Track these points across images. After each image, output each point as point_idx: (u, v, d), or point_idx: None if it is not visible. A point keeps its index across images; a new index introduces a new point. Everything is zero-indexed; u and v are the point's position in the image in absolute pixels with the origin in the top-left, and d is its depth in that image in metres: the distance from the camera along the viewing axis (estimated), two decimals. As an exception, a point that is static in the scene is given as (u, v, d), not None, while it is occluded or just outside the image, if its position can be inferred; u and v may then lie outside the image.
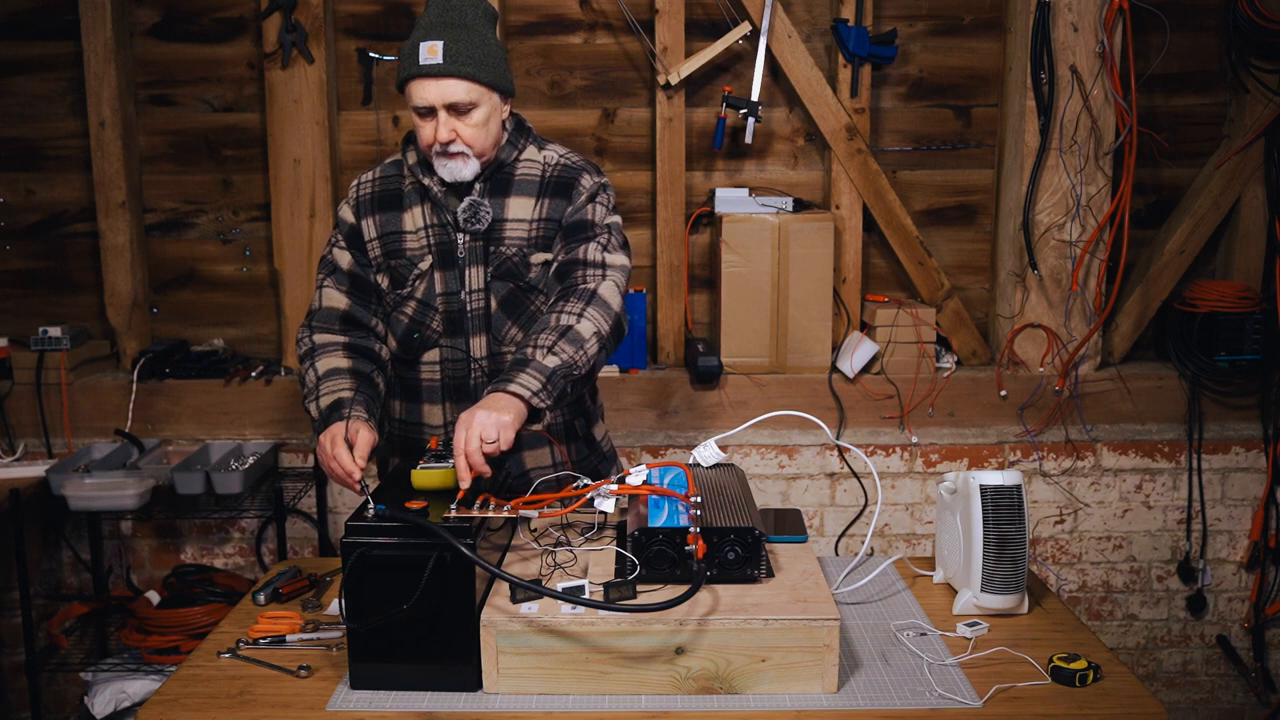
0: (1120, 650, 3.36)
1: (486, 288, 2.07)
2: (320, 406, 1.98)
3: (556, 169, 2.11)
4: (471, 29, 1.98)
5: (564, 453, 2.19)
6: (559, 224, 2.08)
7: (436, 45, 1.94)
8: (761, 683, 1.60)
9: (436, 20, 1.98)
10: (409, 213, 2.10)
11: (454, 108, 1.97)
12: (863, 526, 3.23)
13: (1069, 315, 3.17)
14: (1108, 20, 3.02)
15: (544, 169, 2.11)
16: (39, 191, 3.32)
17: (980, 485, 1.82)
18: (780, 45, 3.14)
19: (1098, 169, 3.11)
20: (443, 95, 1.96)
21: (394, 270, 2.10)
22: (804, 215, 3.13)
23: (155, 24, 3.23)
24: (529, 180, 2.09)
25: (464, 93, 1.96)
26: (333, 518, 3.24)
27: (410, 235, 2.09)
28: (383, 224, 2.11)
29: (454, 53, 1.95)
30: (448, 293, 2.08)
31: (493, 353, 2.09)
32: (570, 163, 2.12)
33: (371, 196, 2.14)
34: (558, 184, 2.09)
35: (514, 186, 2.09)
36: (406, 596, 1.55)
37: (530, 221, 2.08)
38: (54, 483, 2.89)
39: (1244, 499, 3.29)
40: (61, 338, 3.15)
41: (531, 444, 2.16)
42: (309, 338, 2.11)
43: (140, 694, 2.88)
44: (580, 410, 2.23)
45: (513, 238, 2.07)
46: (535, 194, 2.08)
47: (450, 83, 1.96)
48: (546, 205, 2.08)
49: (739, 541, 1.69)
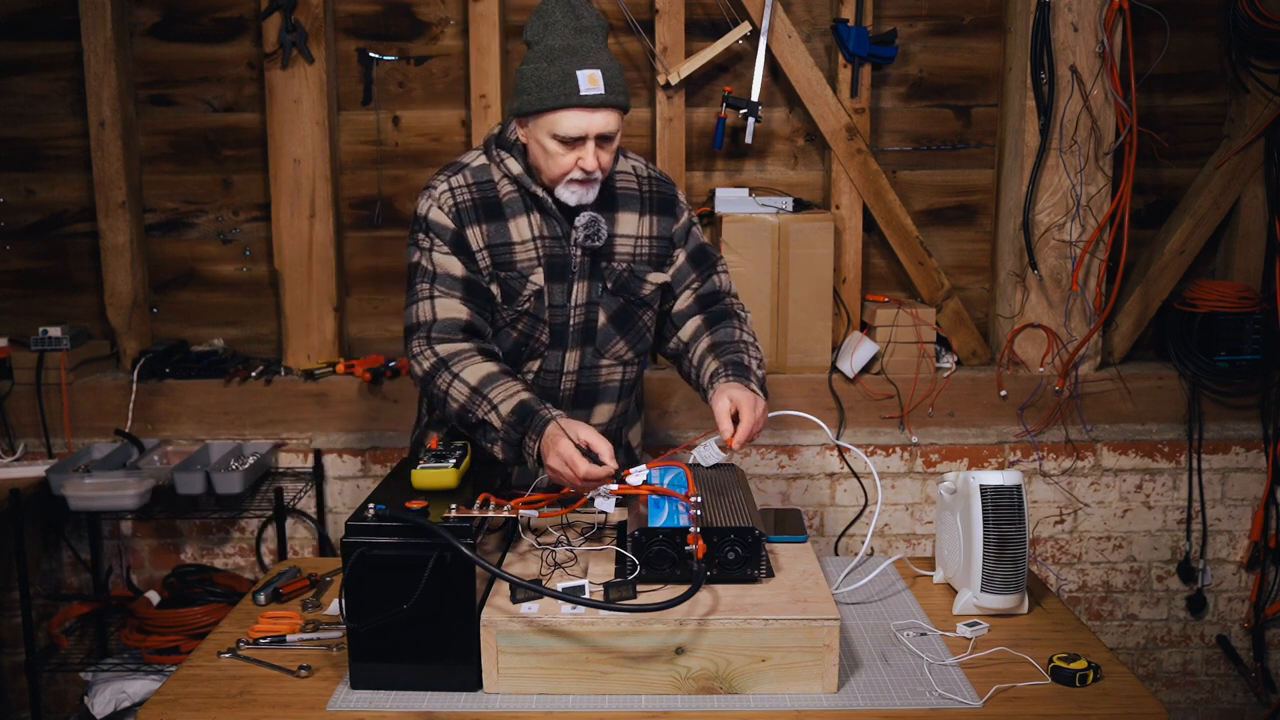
0: (1120, 650, 3.36)
1: (594, 301, 2.06)
2: (502, 415, 1.85)
3: (649, 183, 2.12)
4: (608, 51, 1.94)
5: None
6: (669, 241, 2.12)
7: (597, 75, 1.88)
8: (761, 683, 1.60)
9: (575, 40, 1.90)
10: (513, 222, 2.01)
11: (603, 136, 1.92)
12: (863, 526, 3.22)
13: (1069, 315, 3.17)
14: (1108, 20, 3.02)
15: (639, 182, 2.11)
16: (39, 191, 3.32)
17: (980, 485, 1.82)
18: (780, 45, 3.14)
19: (1098, 169, 3.11)
20: (600, 126, 1.90)
21: (505, 283, 2.01)
22: (804, 215, 3.13)
23: (155, 24, 3.23)
24: (629, 194, 2.09)
25: (617, 123, 1.93)
26: (333, 518, 3.24)
27: (519, 246, 2.01)
28: (490, 234, 2.01)
29: (613, 84, 1.90)
30: (554, 305, 2.04)
31: (586, 365, 2.09)
32: (658, 176, 2.15)
33: (473, 204, 2.02)
34: (658, 200, 2.12)
35: (618, 201, 2.08)
36: (406, 596, 1.55)
37: (637, 238, 2.08)
38: (54, 483, 2.89)
39: (1244, 499, 3.29)
40: (61, 338, 3.15)
41: None
42: (429, 350, 1.96)
43: (140, 694, 2.88)
44: (627, 420, 2.25)
45: (622, 253, 2.07)
46: (638, 210, 2.09)
47: (608, 114, 1.91)
48: (654, 223, 2.10)
49: (739, 541, 1.69)
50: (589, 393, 2.13)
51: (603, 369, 2.12)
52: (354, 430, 3.20)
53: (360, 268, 3.35)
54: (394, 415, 3.18)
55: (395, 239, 3.33)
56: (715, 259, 2.19)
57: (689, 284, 2.15)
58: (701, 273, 2.16)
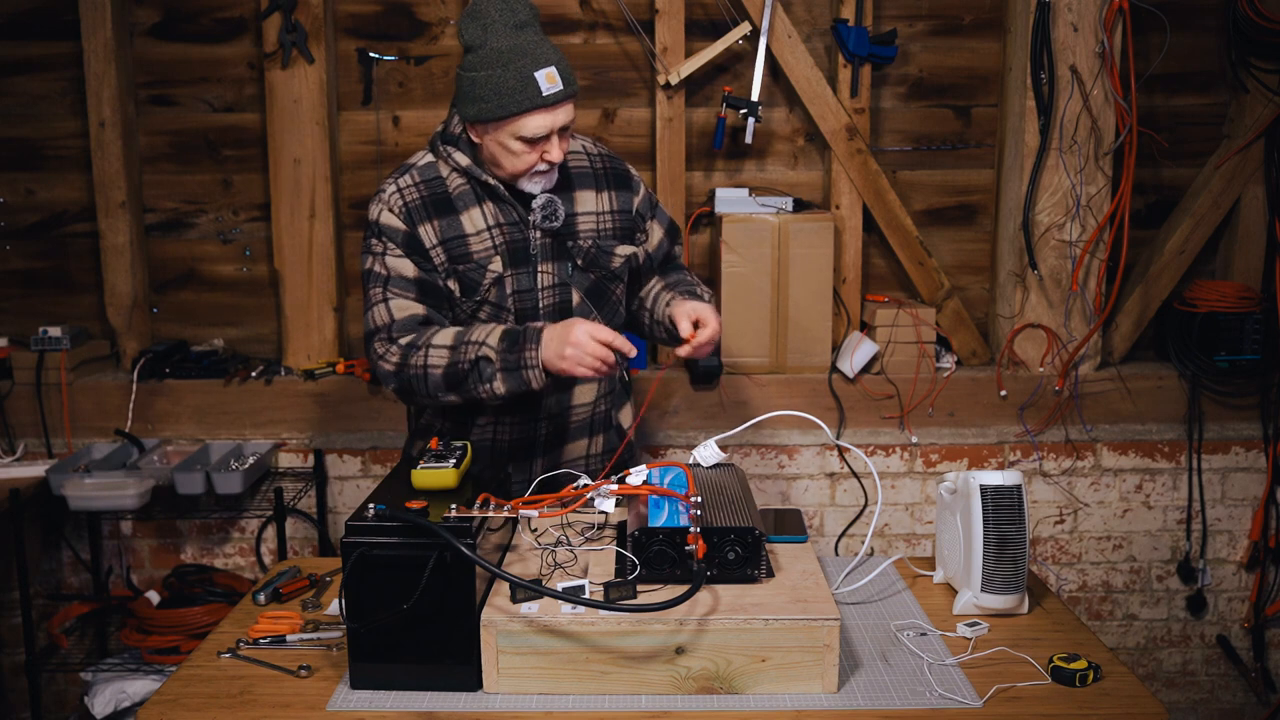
0: (1120, 650, 3.36)
1: (565, 281, 2.08)
2: (493, 346, 1.89)
3: (601, 160, 2.16)
4: (545, 36, 1.95)
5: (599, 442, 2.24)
6: (630, 214, 2.16)
7: (554, 72, 1.90)
8: (761, 683, 1.60)
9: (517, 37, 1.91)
10: (466, 215, 2.03)
11: (564, 128, 1.96)
12: (863, 526, 3.23)
13: (1069, 315, 3.17)
14: (1108, 20, 3.02)
15: (590, 160, 2.15)
16: (39, 191, 3.32)
17: (980, 485, 1.82)
18: (780, 45, 3.14)
19: (1098, 169, 3.11)
20: (563, 120, 1.95)
21: (463, 276, 2.03)
22: (804, 215, 3.13)
23: (155, 24, 3.23)
24: (583, 173, 2.13)
25: (572, 111, 1.96)
26: (333, 518, 3.24)
27: (473, 237, 2.03)
28: (443, 229, 2.02)
29: (566, 75, 1.93)
30: (519, 291, 2.05)
31: None
32: (606, 153, 2.19)
33: (422, 202, 2.03)
34: (612, 176, 2.15)
35: (574, 181, 2.11)
36: (406, 596, 1.55)
37: (599, 214, 2.12)
38: (54, 483, 2.89)
39: (1244, 499, 3.29)
40: (61, 338, 3.15)
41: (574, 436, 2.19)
42: (393, 347, 1.98)
43: (140, 694, 2.88)
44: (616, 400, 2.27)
45: (586, 230, 2.10)
46: (594, 186, 2.13)
47: (566, 107, 1.94)
48: (612, 198, 2.14)
49: (739, 541, 1.69)
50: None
51: None
52: (354, 430, 3.20)
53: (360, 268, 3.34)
54: (394, 415, 3.18)
55: (395, 239, 3.33)
56: (678, 231, 2.31)
57: (663, 253, 2.25)
58: (673, 241, 2.27)
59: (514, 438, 2.15)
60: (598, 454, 2.23)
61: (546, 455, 2.17)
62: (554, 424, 2.16)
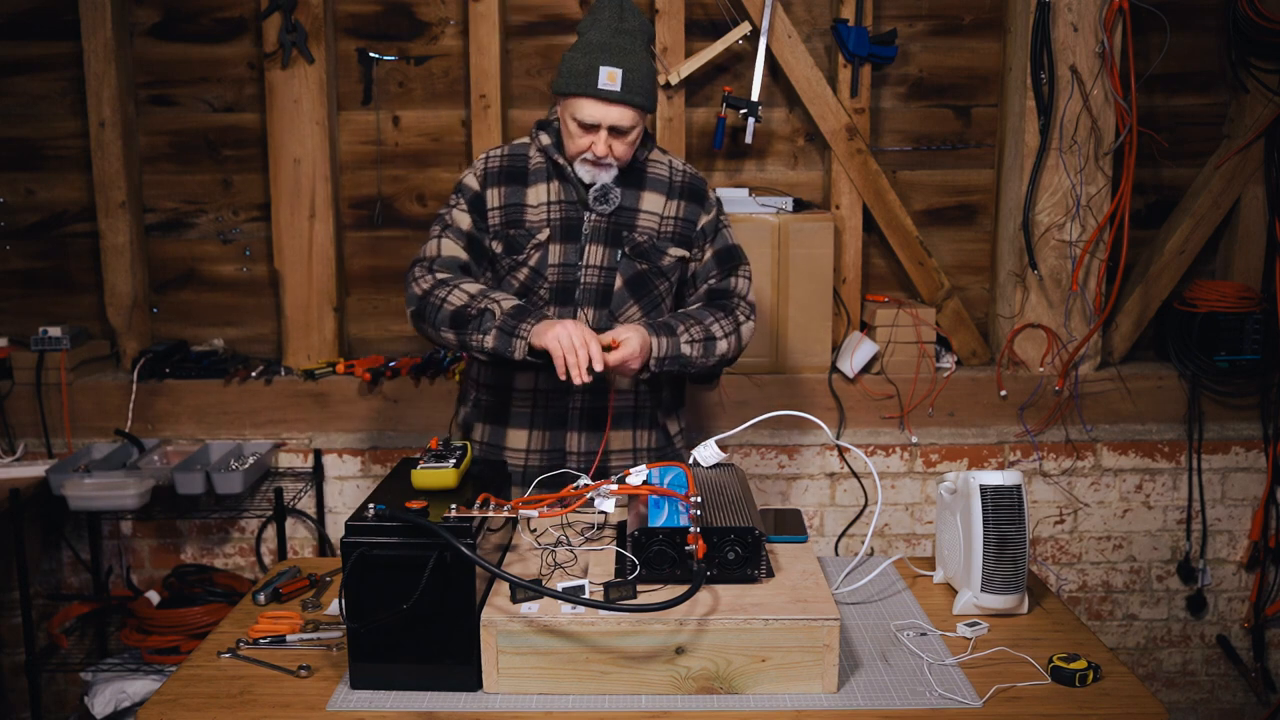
0: (1120, 650, 3.36)
1: (612, 266, 2.22)
2: (503, 307, 2.06)
3: (683, 175, 2.30)
4: (641, 54, 2.13)
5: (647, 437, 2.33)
6: (695, 227, 2.27)
7: (616, 73, 2.08)
8: (761, 683, 1.60)
9: (611, 39, 2.11)
10: (533, 188, 2.23)
11: (616, 129, 2.12)
12: (863, 526, 3.23)
13: (1069, 315, 3.17)
14: (1108, 20, 3.02)
15: (670, 171, 2.29)
16: (39, 191, 3.32)
17: (980, 485, 1.82)
18: (780, 45, 3.14)
19: (1098, 169, 3.11)
20: (613, 119, 2.11)
21: (510, 238, 2.21)
22: (804, 215, 3.13)
23: (155, 24, 3.23)
24: (659, 179, 2.27)
25: (631, 119, 2.12)
26: (332, 518, 3.24)
27: (531, 209, 2.22)
28: (507, 195, 2.23)
29: (631, 83, 2.09)
30: (564, 264, 2.21)
31: (600, 328, 2.18)
32: (692, 171, 2.33)
33: (500, 169, 2.25)
34: (688, 189, 2.29)
35: (647, 183, 2.26)
36: (406, 596, 1.55)
37: (662, 217, 2.26)
38: (54, 483, 2.89)
39: (1244, 499, 3.29)
40: (61, 338, 3.15)
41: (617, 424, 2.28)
42: (430, 274, 2.17)
43: (140, 694, 2.88)
44: (660, 402, 2.34)
45: (645, 226, 2.24)
46: (667, 194, 2.27)
47: (622, 110, 2.11)
48: (681, 206, 2.27)
49: (739, 541, 1.69)
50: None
51: None
52: (354, 430, 3.20)
53: (360, 268, 3.35)
54: (394, 415, 3.18)
55: (395, 239, 3.33)
56: (739, 262, 2.31)
57: (709, 278, 2.29)
58: (723, 271, 2.29)
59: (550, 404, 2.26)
60: (644, 449, 2.33)
61: (584, 431, 2.26)
62: (591, 399, 2.24)
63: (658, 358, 2.10)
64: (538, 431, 2.26)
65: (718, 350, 2.18)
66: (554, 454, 2.26)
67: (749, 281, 2.31)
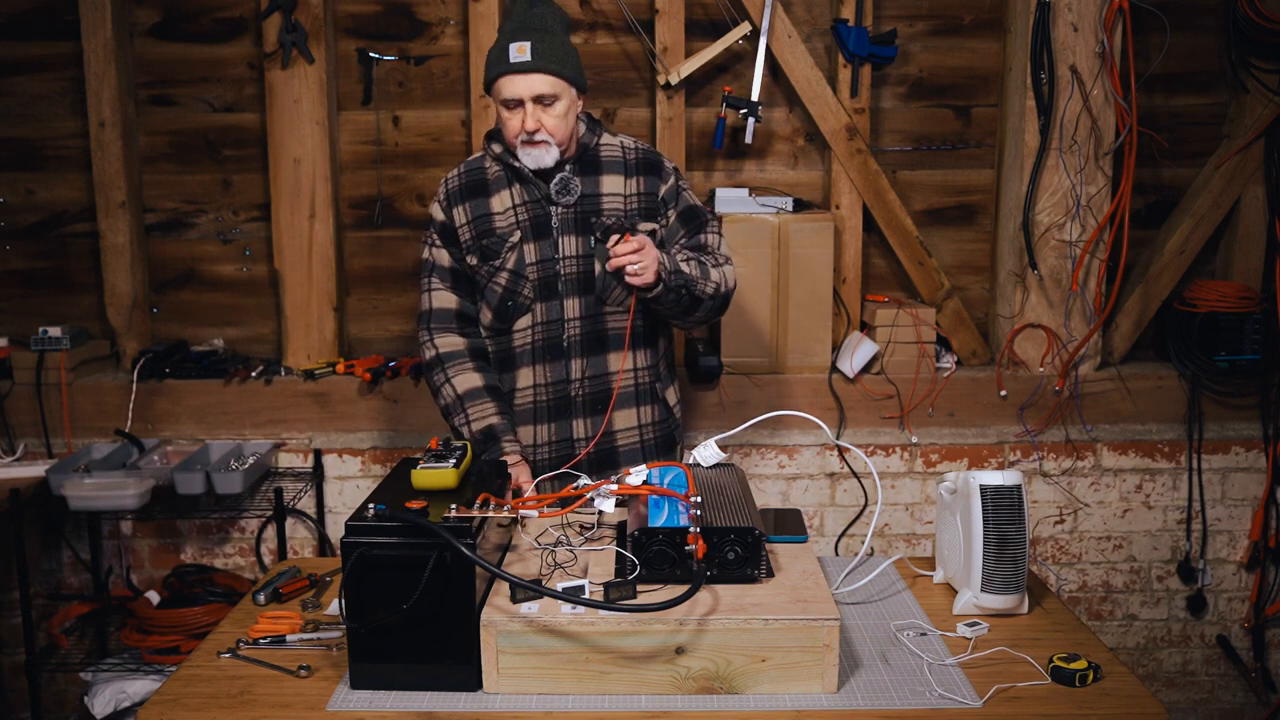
0: (1120, 650, 3.36)
1: (588, 254, 2.29)
2: (473, 430, 2.27)
3: (635, 152, 2.38)
4: (553, 33, 2.22)
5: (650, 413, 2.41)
6: (657, 199, 2.35)
7: (524, 45, 2.18)
8: (761, 683, 1.60)
9: (520, 24, 2.21)
10: (496, 196, 2.32)
11: (540, 99, 2.20)
12: (863, 526, 3.23)
13: (1069, 315, 3.17)
14: (1108, 20, 3.02)
15: (624, 151, 2.37)
16: (39, 191, 3.32)
17: (980, 485, 1.82)
18: (780, 45, 3.14)
19: (1098, 169, 3.11)
20: (530, 88, 2.19)
21: (485, 248, 2.30)
22: (804, 215, 3.13)
23: (155, 24, 3.23)
24: (614, 160, 2.35)
25: (548, 86, 2.20)
26: (332, 518, 3.24)
27: (499, 215, 2.31)
28: (473, 209, 2.32)
29: (539, 51, 2.18)
30: (541, 260, 2.29)
31: (589, 314, 2.30)
32: (645, 147, 2.41)
33: (460, 187, 2.35)
34: (643, 164, 2.37)
35: (603, 166, 2.34)
36: (406, 596, 1.55)
37: (625, 195, 2.33)
38: (54, 483, 2.89)
39: (1244, 499, 3.29)
40: (61, 338, 3.15)
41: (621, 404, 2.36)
42: (431, 343, 2.34)
43: (140, 694, 2.88)
44: (658, 375, 2.43)
45: (611, 209, 2.32)
46: (624, 173, 2.34)
47: (536, 77, 2.19)
48: (640, 182, 2.35)
49: (739, 541, 1.69)
50: (597, 339, 2.33)
51: (608, 316, 2.32)
52: (354, 430, 3.20)
53: (360, 268, 3.35)
54: (393, 415, 3.18)
55: (395, 239, 3.33)
56: (706, 219, 2.39)
57: (677, 240, 2.36)
58: (690, 229, 2.37)
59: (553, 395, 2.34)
60: (649, 424, 2.41)
61: (589, 418, 2.34)
62: (592, 385, 2.33)
63: (669, 270, 2.17)
64: (544, 424, 2.34)
65: (712, 277, 2.27)
66: (562, 444, 2.35)
67: (720, 236, 2.39)
